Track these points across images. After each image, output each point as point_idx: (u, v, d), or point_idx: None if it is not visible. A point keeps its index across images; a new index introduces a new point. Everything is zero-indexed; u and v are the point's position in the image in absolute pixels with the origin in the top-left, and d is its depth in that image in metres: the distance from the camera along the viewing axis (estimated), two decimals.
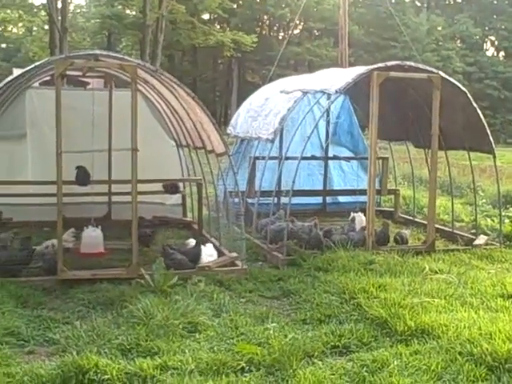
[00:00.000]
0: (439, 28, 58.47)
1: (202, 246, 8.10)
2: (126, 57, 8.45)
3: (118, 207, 10.59)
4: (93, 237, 8.14)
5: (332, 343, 5.54)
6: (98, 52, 8.95)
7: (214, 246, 8.63)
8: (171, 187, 10.29)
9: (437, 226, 9.71)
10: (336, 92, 9.06)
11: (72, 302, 6.70)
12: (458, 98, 9.56)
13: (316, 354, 5.30)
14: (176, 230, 10.42)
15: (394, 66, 9.25)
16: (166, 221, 10.71)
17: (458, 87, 9.49)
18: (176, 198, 11.21)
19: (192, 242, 8.71)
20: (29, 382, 4.61)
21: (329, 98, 10.54)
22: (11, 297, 6.55)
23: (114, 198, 10.65)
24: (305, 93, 9.94)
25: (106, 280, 7.19)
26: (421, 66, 9.64)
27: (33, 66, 8.16)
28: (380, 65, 9.20)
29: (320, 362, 5.17)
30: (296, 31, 53.56)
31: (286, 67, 47.37)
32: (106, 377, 4.69)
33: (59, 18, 32.84)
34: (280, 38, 56.55)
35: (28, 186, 9.95)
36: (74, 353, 5.05)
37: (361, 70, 9.27)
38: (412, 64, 9.49)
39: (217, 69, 57.70)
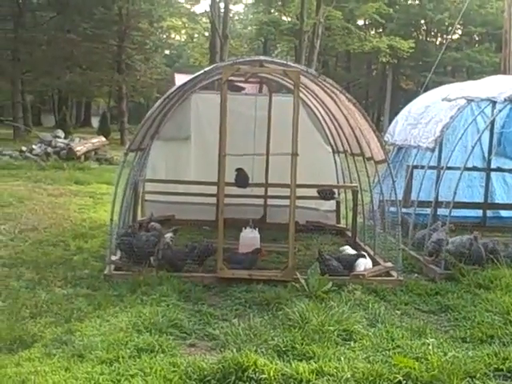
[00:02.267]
0: None
1: (362, 258, 8.03)
2: (289, 63, 8.61)
3: (273, 210, 10.81)
4: (250, 238, 8.35)
5: (495, 365, 5.24)
6: (262, 58, 9.23)
7: (368, 254, 8.53)
8: (327, 193, 10.32)
9: None
10: (505, 100, 8.59)
11: (230, 299, 6.94)
12: None
13: (478, 375, 5.05)
14: (329, 236, 10.42)
15: None
16: (320, 226, 10.76)
17: None
18: (330, 204, 11.23)
19: (347, 248, 8.67)
20: (192, 373, 4.83)
21: (494, 106, 10.05)
22: (174, 290, 6.92)
23: (270, 202, 10.87)
24: (469, 101, 9.52)
25: (261, 281, 7.37)
26: None
27: (201, 71, 8.55)
28: None
29: None
30: (455, 36, 51.55)
31: (444, 74, 45.91)
32: (264, 376, 4.79)
33: (221, 25, 34.16)
34: (437, 43, 54.81)
35: (190, 186, 10.48)
36: (234, 350, 5.22)
37: None
38: None
39: (370, 75, 57.15)
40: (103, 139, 25.79)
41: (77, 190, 15.75)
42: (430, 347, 5.41)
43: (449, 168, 9.10)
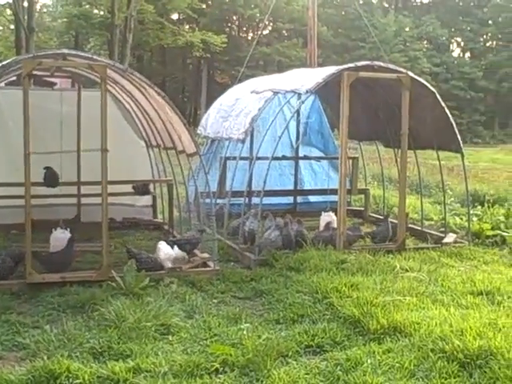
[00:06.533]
0: (407, 29, 59.15)
1: (160, 245, 8.05)
2: (95, 56, 8.34)
3: (87, 209, 10.44)
4: (61, 239, 7.99)
5: (306, 343, 5.54)
6: (66, 51, 8.80)
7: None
8: (141, 188, 10.20)
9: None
10: (306, 92, 9.08)
11: (41, 305, 6.57)
12: (426, 98, 9.66)
13: (290, 353, 5.30)
14: (147, 232, 10.32)
15: (364, 66, 9.28)
16: (137, 222, 10.62)
17: (427, 87, 9.59)
18: (146, 200, 11.12)
19: (162, 244, 8.59)
20: None
21: (299, 98, 10.58)
22: None
23: (84, 200, 10.51)
24: (275, 93, 9.93)
25: (76, 283, 7.09)
26: (390, 66, 9.71)
27: None
28: (350, 65, 9.23)
29: (294, 362, 5.16)
30: (265, 32, 53.64)
31: (256, 67, 47.43)
32: (78, 381, 4.62)
33: (25, 17, 32.27)
34: (249, 38, 56.59)
35: None
36: (45, 357, 4.97)
37: (331, 70, 9.30)
38: (381, 64, 9.55)
39: (186, 69, 57.48)
40: None
41: None
42: (245, 332, 5.56)
43: (259, 158, 9.41)
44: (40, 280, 7.08)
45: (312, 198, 12.51)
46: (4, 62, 8.04)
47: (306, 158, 12.24)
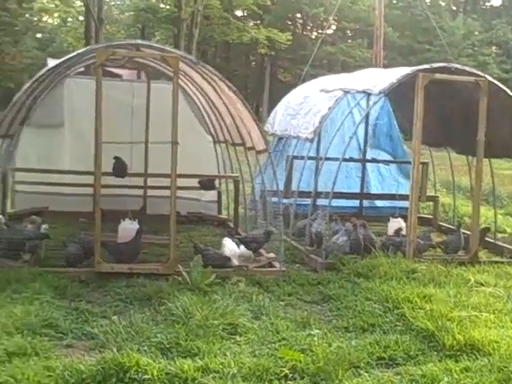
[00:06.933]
0: (476, 33, 57.57)
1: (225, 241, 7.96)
2: (167, 48, 8.32)
3: (152, 201, 10.47)
4: (130, 230, 8.00)
5: (377, 354, 5.31)
6: (140, 42, 8.87)
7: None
8: (207, 183, 10.15)
9: None
10: (379, 93, 8.83)
11: (109, 295, 6.61)
12: (504, 104, 9.25)
13: (362, 364, 5.10)
14: (211, 227, 10.26)
15: (440, 67, 8.96)
16: (201, 217, 10.58)
17: (506, 92, 9.19)
18: (212, 195, 11.08)
19: (227, 240, 8.51)
20: (69, 377, 4.48)
21: (368, 99, 10.33)
22: (49, 287, 6.47)
23: (150, 192, 10.53)
24: (346, 92, 9.72)
25: (142, 275, 7.07)
26: (467, 68, 9.36)
27: (74, 53, 8.09)
28: (425, 66, 8.92)
29: (366, 374, 4.96)
30: (330, 31, 53.15)
31: (320, 67, 47.00)
32: (147, 376, 4.54)
33: (95, 8, 32.88)
34: (313, 37, 56.19)
35: (64, 176, 9.89)
36: (114, 349, 4.94)
37: (405, 70, 9.02)
38: (458, 66, 9.23)
39: (249, 66, 57.53)
40: None
41: None
42: (315, 339, 5.39)
43: (328, 158, 9.23)
44: (108, 269, 7.10)
45: (379, 203, 12.24)
46: (79, 51, 8.15)
47: (374, 160, 11.96)
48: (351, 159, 11.48)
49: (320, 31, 53.63)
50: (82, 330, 5.56)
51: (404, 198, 9.80)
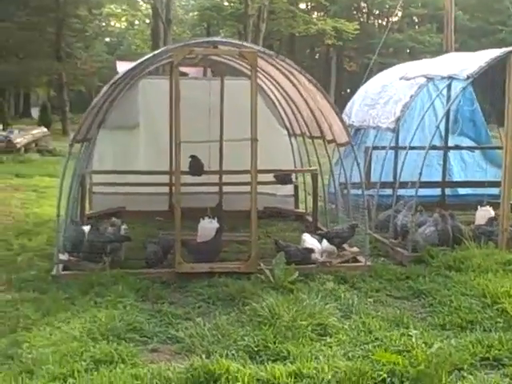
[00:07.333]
0: None
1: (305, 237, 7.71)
2: (244, 43, 8.11)
3: (228, 197, 10.32)
4: (209, 229, 7.84)
5: (481, 355, 4.92)
6: (217, 39, 8.75)
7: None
8: (283, 177, 9.88)
9: None
10: (468, 77, 8.29)
11: (191, 296, 6.47)
12: None
13: (465, 366, 4.72)
14: (289, 222, 10.00)
15: None
16: (279, 212, 10.34)
17: None
18: (288, 189, 10.83)
19: (306, 236, 8.19)
20: None
21: (450, 85, 9.78)
22: (131, 290, 6.38)
23: (226, 189, 10.39)
24: (429, 79, 9.25)
25: (223, 274, 6.89)
26: None
27: (150, 54, 7.96)
28: None
29: (471, 377, 4.59)
30: (396, 18, 51.89)
31: (386, 55, 45.93)
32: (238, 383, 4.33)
33: (163, 10, 33.31)
34: (376, 25, 55.06)
35: (140, 176, 9.85)
36: (202, 355, 4.75)
37: (495, 52, 8.46)
38: None
39: (313, 57, 57.02)
40: (44, 130, 24.77)
41: (19, 183, 14.90)
42: (414, 340, 5.03)
43: (412, 148, 8.82)
44: (189, 270, 6.96)
45: (461, 191, 11.67)
46: (156, 52, 8.03)
47: (457, 147, 11.40)
48: (433, 147, 10.92)
49: (385, 18, 52.56)
50: (166, 334, 5.41)
51: (494, 185, 9.25)
